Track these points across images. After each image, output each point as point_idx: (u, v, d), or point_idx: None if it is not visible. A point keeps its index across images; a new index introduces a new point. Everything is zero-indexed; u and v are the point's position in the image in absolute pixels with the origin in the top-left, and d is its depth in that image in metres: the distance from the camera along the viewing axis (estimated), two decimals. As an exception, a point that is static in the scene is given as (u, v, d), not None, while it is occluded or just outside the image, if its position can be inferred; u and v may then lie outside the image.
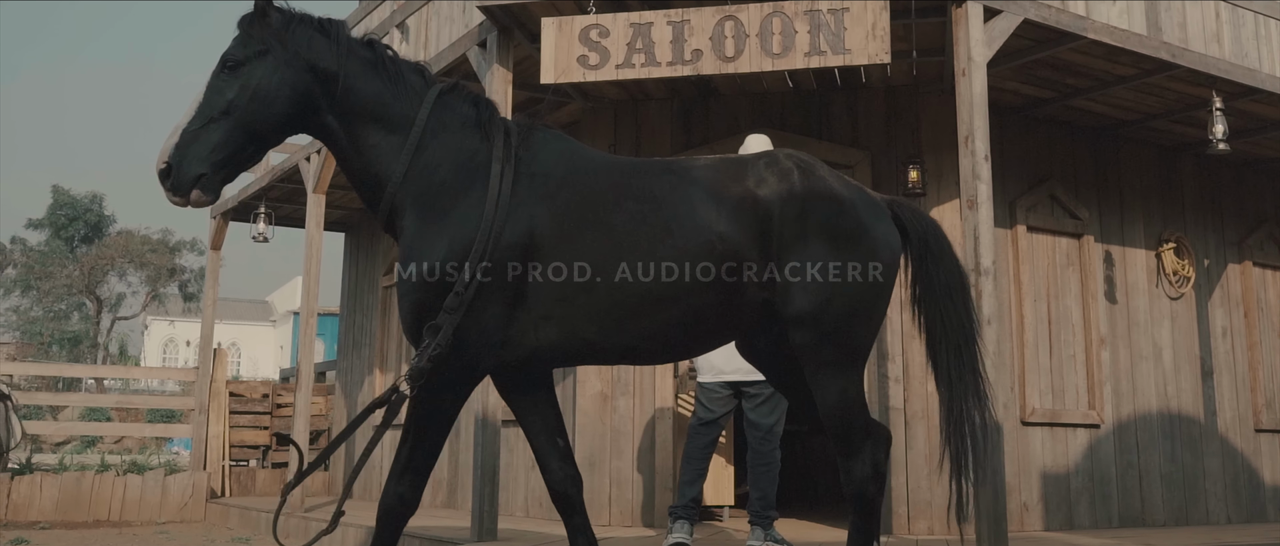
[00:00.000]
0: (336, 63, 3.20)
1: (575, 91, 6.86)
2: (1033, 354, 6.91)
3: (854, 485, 3.28)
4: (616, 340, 3.18)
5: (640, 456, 6.70)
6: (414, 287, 3.09)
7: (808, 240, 3.19)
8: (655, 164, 3.39)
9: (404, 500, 3.11)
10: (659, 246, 3.14)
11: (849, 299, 3.21)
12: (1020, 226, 6.99)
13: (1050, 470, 6.84)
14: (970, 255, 5.09)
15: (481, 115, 3.31)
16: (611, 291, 3.10)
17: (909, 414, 6.41)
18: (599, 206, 3.18)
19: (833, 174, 3.37)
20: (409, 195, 3.19)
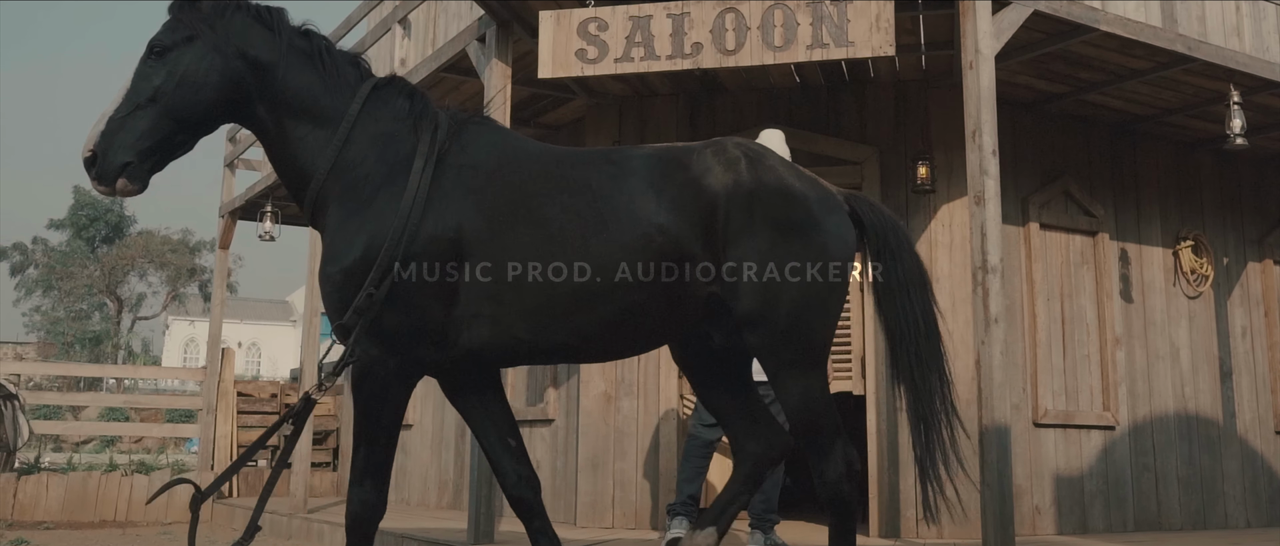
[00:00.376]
0: (271, 52, 3.12)
1: (579, 88, 6.77)
2: (1046, 354, 6.76)
3: (828, 487, 3.15)
4: (550, 338, 3.08)
5: (644, 458, 6.60)
6: (335, 286, 3.00)
7: (755, 234, 3.05)
8: (594, 154, 3.27)
9: (369, 504, 3.02)
10: (592, 241, 3.02)
11: (800, 296, 3.06)
12: (1033, 224, 6.84)
13: (1063, 472, 6.70)
14: (977, 252, 4.97)
15: (414, 108, 3.22)
16: (543, 288, 3.00)
17: (918, 415, 6.27)
18: (531, 199, 3.07)
19: (785, 165, 3.23)
20: (334, 189, 3.10)
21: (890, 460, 6.28)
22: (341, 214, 3.06)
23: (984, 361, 4.87)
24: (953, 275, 6.36)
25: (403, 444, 9.32)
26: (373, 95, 3.20)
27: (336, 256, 3.01)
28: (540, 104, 7.28)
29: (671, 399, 6.58)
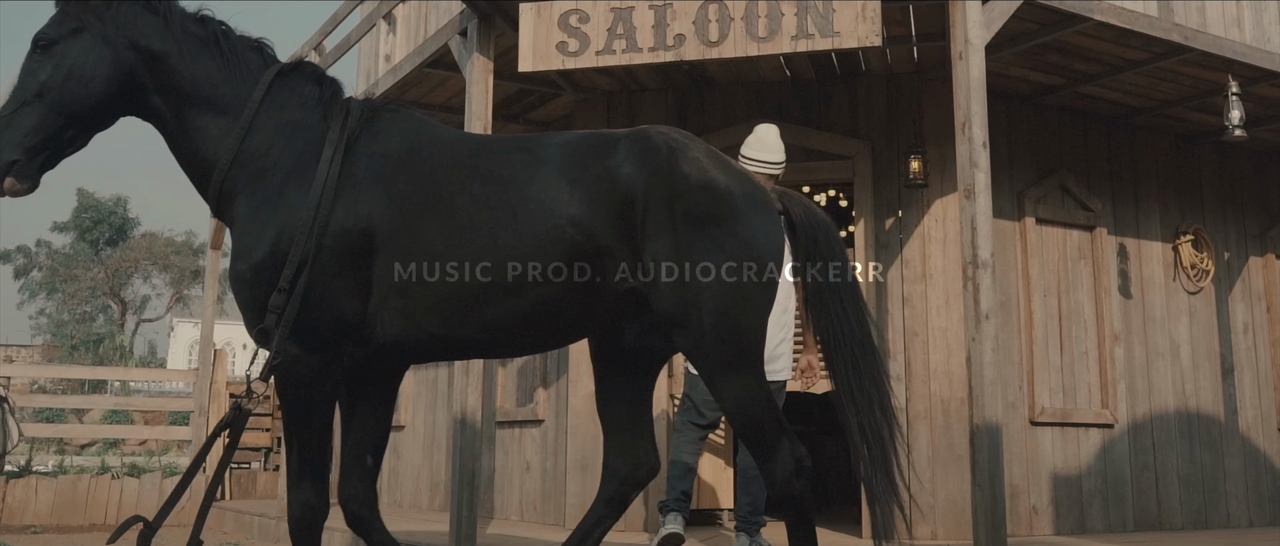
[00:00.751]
0: (164, 41, 3.02)
1: (565, 83, 6.66)
2: (1042, 351, 6.64)
3: (777, 488, 3.00)
4: (461, 333, 2.97)
5: (633, 458, 6.48)
6: (247, 284, 2.91)
7: (675, 229, 2.91)
8: (510, 141, 3.15)
9: (309, 506, 2.93)
10: (501, 233, 2.90)
11: (724, 295, 2.93)
12: (1029, 218, 6.72)
13: (1061, 472, 6.57)
14: (968, 247, 4.85)
15: (324, 94, 3.11)
16: (451, 282, 2.90)
17: (912, 414, 6.16)
18: (440, 189, 2.96)
19: (711, 156, 3.10)
20: (240, 181, 3.00)
21: (883, 460, 6.16)
22: (249, 207, 2.96)
23: (975, 358, 4.75)
24: (946, 271, 6.24)
25: (394, 445, 9.23)
26: (278, 81, 3.09)
27: (246, 252, 2.91)
28: (527, 99, 7.18)
29: (661, 399, 6.47)
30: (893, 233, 6.37)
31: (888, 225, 6.38)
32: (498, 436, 7.65)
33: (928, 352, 6.20)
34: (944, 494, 6.05)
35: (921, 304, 6.25)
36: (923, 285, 6.26)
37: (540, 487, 7.07)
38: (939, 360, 6.17)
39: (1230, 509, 7.29)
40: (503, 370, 7.68)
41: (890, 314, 6.27)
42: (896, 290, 6.29)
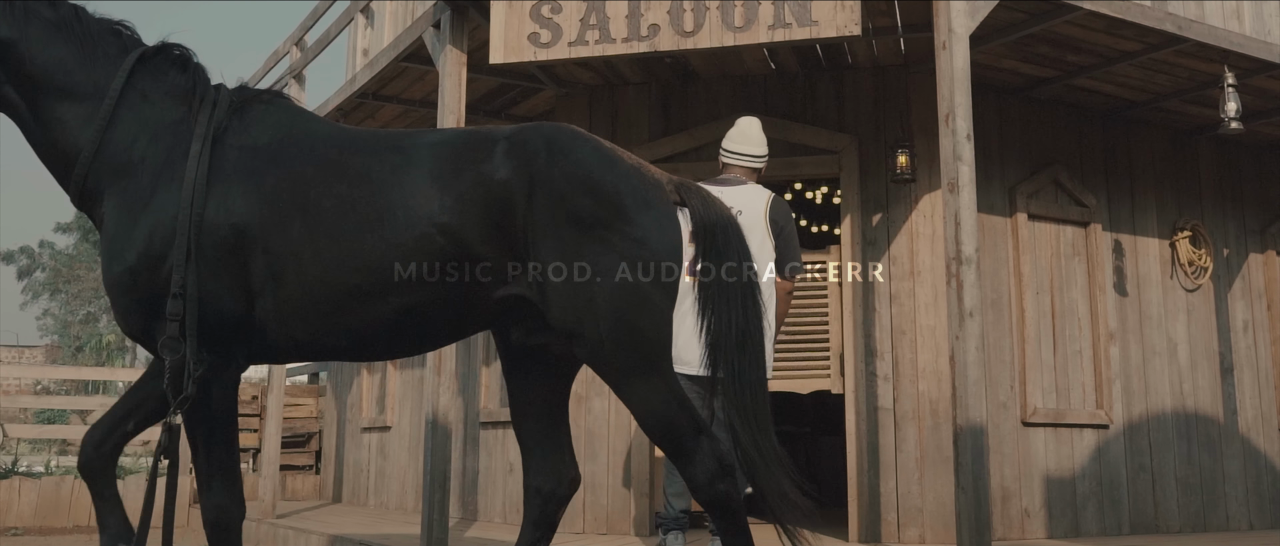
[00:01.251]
0: (9, 26, 2.88)
1: (546, 77, 6.53)
2: (1035, 350, 6.48)
3: (701, 491, 2.83)
4: (327, 340, 2.85)
5: (615, 461, 6.35)
6: (123, 289, 2.78)
7: (557, 234, 2.76)
8: (384, 139, 3.00)
9: (222, 508, 2.83)
10: (366, 237, 2.76)
11: (618, 299, 2.78)
12: (1021, 214, 6.56)
13: (1054, 473, 6.42)
14: (951, 242, 4.70)
15: (189, 82, 2.97)
16: (315, 286, 2.77)
17: (899, 414, 6.01)
18: (308, 188, 2.82)
19: (598, 153, 2.93)
20: (105, 177, 2.86)
21: (871, 461, 6.02)
22: (118, 206, 2.82)
23: (959, 357, 4.61)
24: (934, 268, 6.09)
25: (381, 446, 9.11)
26: (140, 67, 2.95)
27: (118, 255, 2.78)
28: (509, 94, 7.05)
29: (643, 399, 6.33)
30: (880, 229, 6.22)
31: (875, 221, 6.24)
32: (481, 437, 7.52)
33: (915, 351, 6.05)
34: (933, 496, 5.90)
35: (909, 301, 6.10)
36: (910, 282, 6.11)
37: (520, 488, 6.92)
38: (927, 359, 6.02)
39: (1229, 511, 7.13)
40: (486, 369, 7.55)
41: (877, 312, 6.13)
42: (884, 288, 6.14)
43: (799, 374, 6.20)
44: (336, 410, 10.26)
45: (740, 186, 4.75)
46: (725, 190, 4.69)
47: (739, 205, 4.67)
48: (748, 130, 4.91)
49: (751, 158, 4.86)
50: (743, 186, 4.76)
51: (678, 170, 6.20)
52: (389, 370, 9.07)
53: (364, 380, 9.61)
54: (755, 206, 4.71)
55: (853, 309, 6.14)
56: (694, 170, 6.15)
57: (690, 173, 6.06)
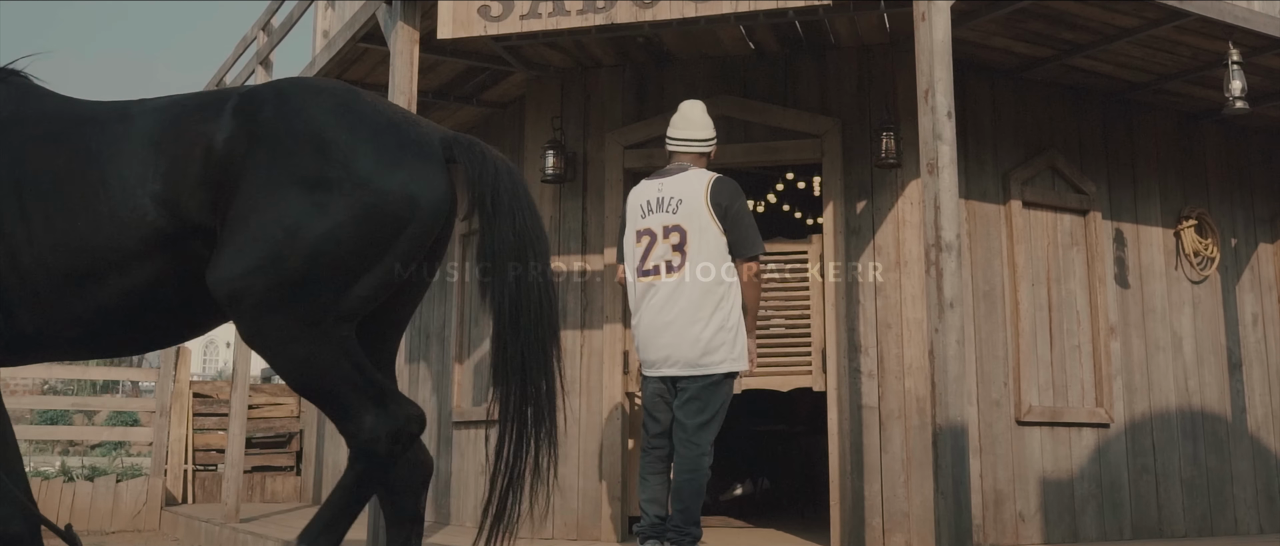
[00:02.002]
0: None
1: (515, 59, 6.22)
2: (1030, 345, 6.14)
3: (359, 440, 2.60)
4: (60, 332, 2.58)
5: (585, 461, 6.04)
6: None
7: (278, 194, 2.45)
8: (116, 108, 2.73)
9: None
10: (79, 215, 2.49)
11: (308, 256, 2.48)
12: (1015, 201, 6.22)
13: (1051, 475, 6.08)
14: (930, 228, 4.37)
15: None
16: (35, 272, 2.50)
17: (884, 412, 5.68)
18: (26, 166, 2.55)
19: (337, 108, 2.63)
20: None
21: (854, 463, 5.68)
22: None
23: (938, 351, 4.27)
24: (922, 258, 5.75)
25: (358, 447, 8.81)
26: None
27: None
28: (477, 79, 6.74)
29: (616, 395, 6.01)
30: (864, 217, 5.88)
31: (859, 209, 5.90)
32: (454, 438, 7.22)
33: (902, 346, 5.71)
34: (920, 499, 5.57)
35: (895, 294, 5.77)
36: (897, 273, 5.78)
37: (494, 492, 6.62)
38: (914, 354, 5.69)
39: (1238, 514, 6.77)
40: (459, 366, 7.24)
41: (861, 305, 5.79)
42: (868, 279, 5.81)
43: (779, 371, 5.87)
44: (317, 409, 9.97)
45: (680, 174, 4.49)
46: (665, 180, 4.46)
47: (678, 193, 4.40)
48: (689, 114, 4.66)
49: (695, 142, 4.61)
50: (683, 173, 4.49)
51: (653, 156, 5.89)
52: (366, 368, 8.77)
53: (342, 378, 9.31)
54: (695, 191, 4.41)
55: (836, 301, 5.81)
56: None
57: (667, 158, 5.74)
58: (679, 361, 4.32)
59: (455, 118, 7.40)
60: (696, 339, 4.26)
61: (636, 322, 4.44)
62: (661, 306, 4.32)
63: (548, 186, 6.29)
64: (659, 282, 4.33)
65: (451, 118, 7.41)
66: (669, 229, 4.34)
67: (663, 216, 4.38)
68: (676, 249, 4.29)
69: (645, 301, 4.38)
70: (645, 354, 4.44)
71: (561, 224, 6.28)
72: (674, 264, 4.29)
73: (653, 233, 4.39)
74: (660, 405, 4.44)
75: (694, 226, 4.30)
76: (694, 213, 4.33)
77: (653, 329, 4.33)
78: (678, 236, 4.30)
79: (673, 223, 4.34)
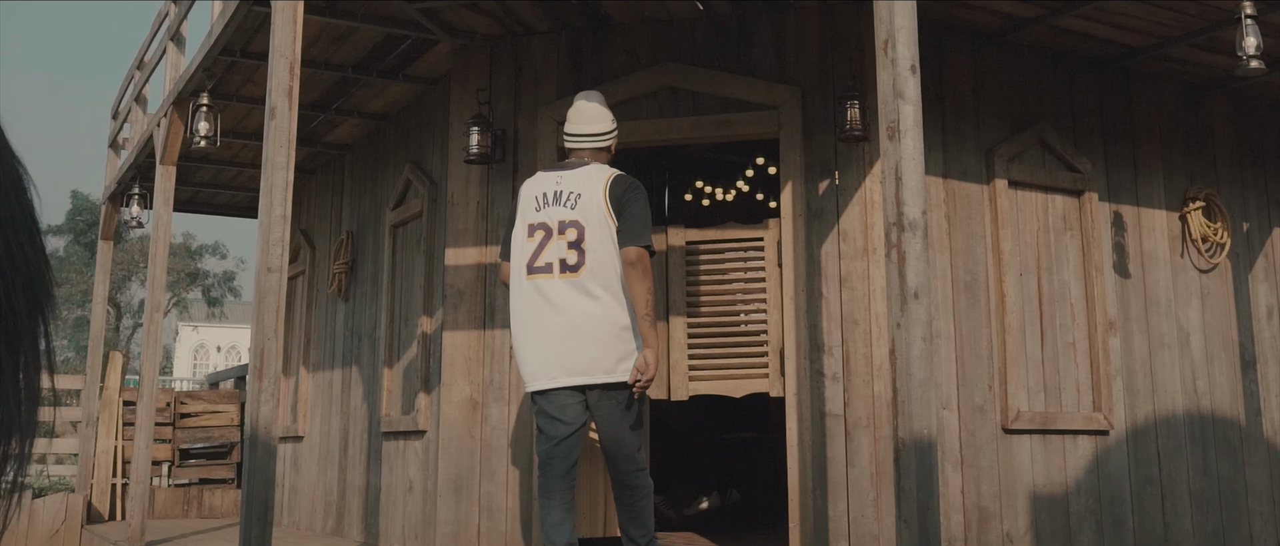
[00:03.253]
0: None
1: (435, 25, 5.52)
2: (1018, 342, 5.43)
3: None
4: None
5: (515, 478, 5.34)
6: None
7: None
8: None
9: None
10: None
11: None
12: (1000, 180, 5.51)
13: (1043, 489, 5.37)
14: (891, 203, 3.66)
15: None
16: None
17: (850, 421, 4.98)
18: None
19: None
20: None
21: (816, 478, 4.98)
22: None
23: (900, 350, 3.57)
24: (892, 244, 5.05)
25: (294, 458, 8.13)
26: None
27: None
28: (400, 49, 6.04)
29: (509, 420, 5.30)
30: (827, 198, 5.18)
31: (821, 189, 5.20)
32: (384, 450, 6.52)
33: (870, 346, 5.01)
34: (891, 520, 4.86)
35: (862, 284, 5.06)
36: (864, 262, 5.07)
37: (421, 511, 5.93)
38: (883, 354, 4.98)
39: (1254, 528, 6.05)
40: (389, 371, 6.55)
41: (825, 298, 5.09)
42: (832, 268, 5.10)
43: (730, 373, 5.18)
44: (257, 417, 9.26)
45: (581, 167, 4.20)
46: (564, 173, 4.16)
47: (578, 187, 4.08)
48: (583, 109, 4.34)
49: (590, 137, 4.29)
50: (583, 167, 4.20)
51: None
52: (302, 372, 8.08)
53: (280, 383, 8.61)
54: (594, 186, 4.11)
55: (795, 294, 5.11)
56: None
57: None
58: (586, 369, 3.95)
59: (383, 96, 6.71)
60: (607, 343, 3.94)
61: (519, 327, 4.06)
62: (555, 309, 3.97)
63: (473, 168, 5.59)
64: (551, 282, 4.00)
65: (379, 96, 6.72)
66: (566, 224, 4.03)
67: (559, 210, 4.07)
68: (574, 246, 3.98)
69: (533, 303, 4.01)
70: (533, 362, 4.03)
71: (489, 210, 5.59)
72: (570, 262, 3.99)
73: (547, 227, 4.05)
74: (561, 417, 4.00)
75: (593, 223, 3.99)
76: (593, 209, 4.03)
77: (545, 334, 3.97)
78: (575, 233, 4.00)
79: (570, 218, 4.03)
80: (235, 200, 9.46)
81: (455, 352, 5.49)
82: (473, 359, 5.47)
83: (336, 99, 6.77)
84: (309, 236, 8.34)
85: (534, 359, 3.99)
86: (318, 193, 8.38)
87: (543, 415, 4.03)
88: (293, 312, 8.50)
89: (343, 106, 6.90)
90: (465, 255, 5.58)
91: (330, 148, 7.73)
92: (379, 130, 7.26)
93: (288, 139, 4.26)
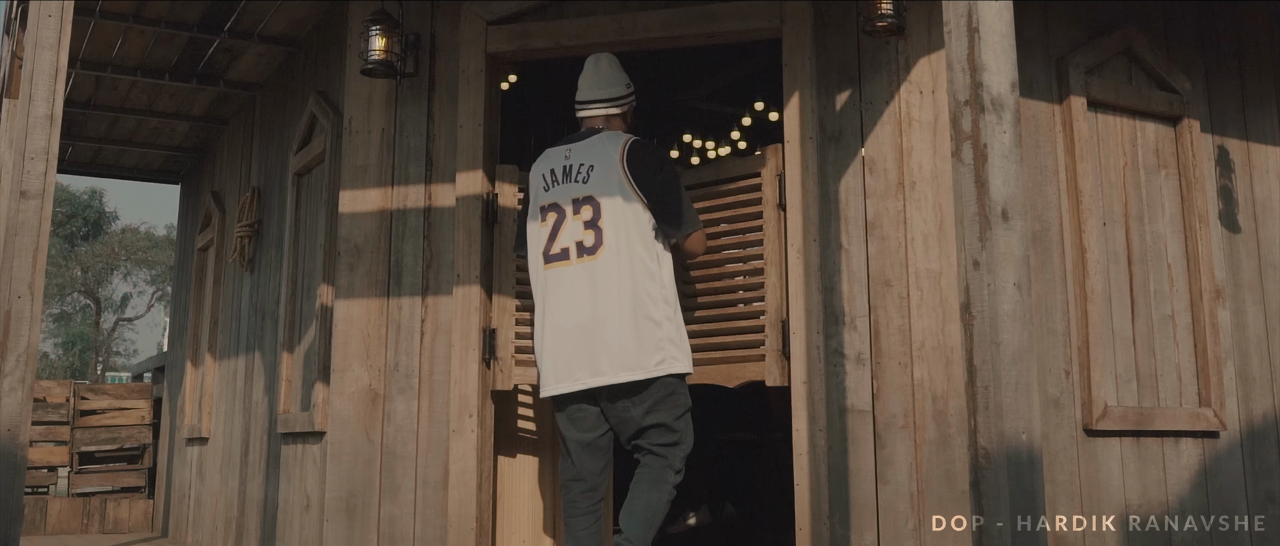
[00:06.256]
0: None
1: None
2: (1103, 314, 4.05)
3: None
4: None
5: (426, 495, 3.97)
6: None
7: None
8: None
9: None
10: None
11: None
12: (1076, 99, 4.13)
13: (1138, 506, 4.00)
14: (960, 72, 2.27)
15: None
16: None
17: (881, 419, 3.61)
18: None
19: None
20: None
21: (834, 498, 3.61)
22: None
23: (979, 306, 2.19)
24: (939, 174, 3.67)
25: (198, 464, 6.77)
26: None
27: None
28: None
29: (472, 396, 3.94)
30: (847, 116, 3.80)
31: (840, 103, 3.82)
32: (283, 455, 5.15)
33: (907, 315, 3.63)
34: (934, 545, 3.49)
35: (897, 232, 3.69)
36: (899, 200, 3.70)
37: (316, 532, 4.56)
38: (929, 326, 3.61)
39: (1396, 559, 4.67)
40: (288, 357, 5.18)
41: (845, 250, 3.71)
42: (854, 209, 3.73)
43: (722, 357, 3.81)
44: (170, 415, 7.90)
45: (591, 136, 3.59)
46: (572, 146, 3.57)
47: (589, 158, 3.50)
48: (592, 71, 3.70)
49: (601, 103, 3.64)
50: (594, 136, 3.59)
51: (531, 35, 3.82)
52: (207, 362, 6.71)
53: (187, 375, 7.25)
54: (608, 155, 3.49)
55: (803, 246, 3.73)
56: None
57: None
58: (609, 365, 3.34)
59: (287, 12, 5.32)
60: (628, 336, 3.33)
61: (540, 325, 3.50)
62: (576, 301, 3.40)
63: (377, 86, 4.23)
64: (568, 270, 3.44)
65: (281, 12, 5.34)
66: (579, 201, 3.47)
67: (571, 187, 3.50)
68: (590, 226, 3.43)
69: (551, 296, 3.45)
70: (551, 363, 3.44)
71: (396, 139, 4.22)
72: (587, 244, 3.42)
73: (560, 208, 3.50)
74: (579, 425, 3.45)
75: (610, 198, 3.42)
76: (610, 181, 3.45)
77: (563, 330, 3.41)
78: (591, 210, 3.45)
79: (583, 194, 3.48)
80: (145, 161, 8.08)
81: (350, 328, 4.12)
82: (372, 336, 4.10)
83: (226, 16, 5.39)
84: (220, 199, 6.97)
85: (552, 360, 3.43)
86: (229, 146, 7.01)
87: (561, 427, 3.49)
88: (202, 289, 7.13)
89: (238, 28, 5.52)
90: (365, 199, 4.21)
91: (237, 88, 6.35)
92: (289, 61, 5.89)
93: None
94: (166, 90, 6.47)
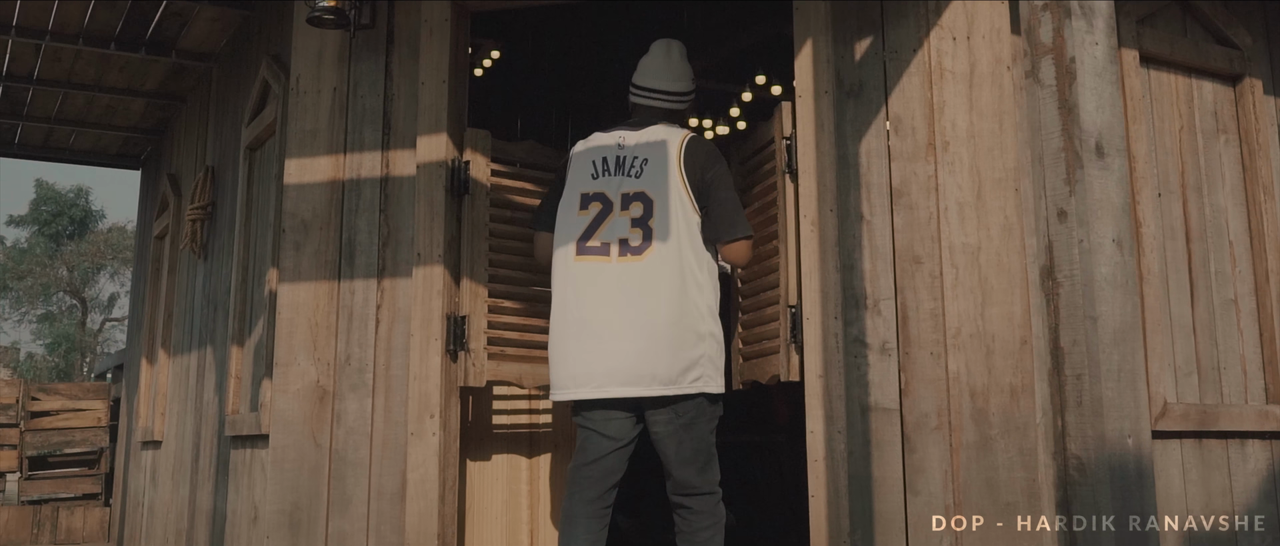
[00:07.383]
0: None
1: None
2: (1159, 298, 3.53)
3: None
4: None
5: (380, 507, 3.43)
6: None
7: None
8: None
9: None
10: None
11: None
12: (1128, 52, 3.61)
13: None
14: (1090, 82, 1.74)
15: None
16: None
17: (910, 419, 3.08)
18: None
19: None
20: None
21: (855, 513, 3.08)
22: None
23: (1066, 269, 1.66)
24: (977, 131, 3.15)
25: (151, 469, 6.24)
26: None
27: None
28: None
29: (433, 393, 3.41)
30: (869, 67, 3.27)
31: (859, 53, 3.29)
32: (232, 460, 4.62)
33: (940, 297, 3.11)
34: (979, 581, 2.96)
35: (927, 201, 3.16)
36: (929, 164, 3.17)
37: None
38: (966, 310, 3.09)
39: None
40: (238, 351, 4.65)
41: (867, 222, 3.19)
42: (878, 174, 3.21)
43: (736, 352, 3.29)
44: (127, 414, 7.36)
45: (648, 128, 3.33)
46: (627, 133, 3.32)
47: (644, 152, 3.24)
48: (659, 59, 3.45)
49: (664, 96, 3.39)
50: (649, 129, 3.32)
51: None
52: (161, 360, 6.17)
53: (142, 372, 6.70)
54: (665, 153, 3.23)
55: (818, 217, 3.21)
56: None
57: None
58: (641, 377, 3.08)
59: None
60: (671, 347, 3.07)
61: (563, 320, 3.22)
62: (609, 300, 3.13)
63: (328, 39, 3.70)
64: (607, 267, 3.18)
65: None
66: (629, 197, 3.22)
67: (623, 181, 3.25)
68: (638, 225, 3.19)
69: (581, 290, 3.18)
70: (576, 364, 3.16)
71: (350, 100, 3.68)
72: (633, 244, 3.17)
73: (607, 199, 3.25)
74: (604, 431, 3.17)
75: (664, 197, 3.18)
76: (665, 180, 3.20)
77: (592, 330, 3.15)
78: (641, 208, 3.21)
79: (636, 189, 3.23)
80: (102, 143, 7.53)
81: (296, 315, 3.58)
82: (320, 325, 3.56)
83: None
84: (176, 182, 6.44)
85: (577, 361, 3.15)
86: (185, 125, 6.48)
87: (582, 429, 3.22)
88: (158, 280, 6.60)
89: (185, -13, 4.99)
90: (314, 168, 3.68)
91: (191, 58, 5.81)
92: (244, 27, 5.36)
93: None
94: (115, 62, 5.93)
